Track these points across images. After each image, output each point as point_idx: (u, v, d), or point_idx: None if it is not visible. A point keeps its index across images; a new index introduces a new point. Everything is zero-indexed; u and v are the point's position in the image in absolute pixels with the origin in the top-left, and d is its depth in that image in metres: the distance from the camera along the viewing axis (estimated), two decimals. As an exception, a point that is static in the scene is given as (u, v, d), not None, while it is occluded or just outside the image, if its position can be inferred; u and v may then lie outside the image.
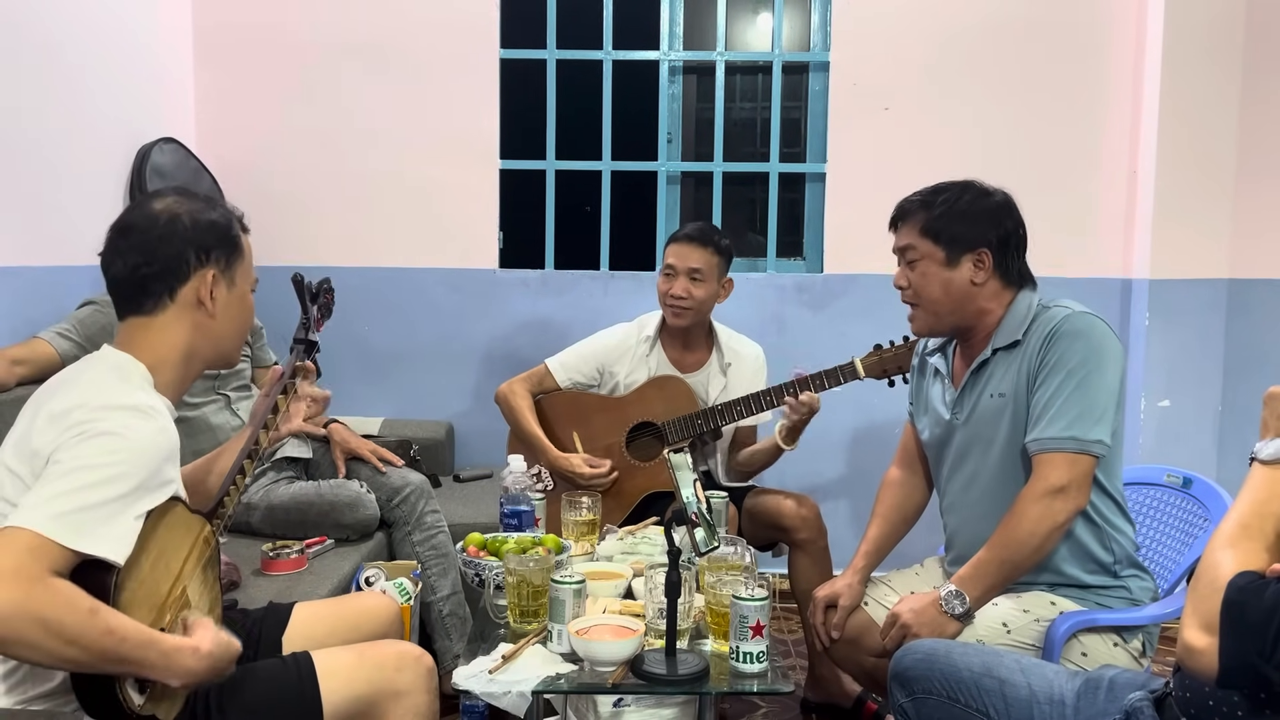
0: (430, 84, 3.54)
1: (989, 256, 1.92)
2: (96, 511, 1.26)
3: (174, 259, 1.49)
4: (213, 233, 1.53)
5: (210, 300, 1.52)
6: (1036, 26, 3.46)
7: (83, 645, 1.21)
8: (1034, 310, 1.94)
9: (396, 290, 3.60)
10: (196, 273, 1.51)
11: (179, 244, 1.49)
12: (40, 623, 1.18)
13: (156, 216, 1.51)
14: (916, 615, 1.86)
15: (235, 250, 1.57)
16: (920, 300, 1.98)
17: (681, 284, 2.70)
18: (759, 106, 3.88)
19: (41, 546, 1.21)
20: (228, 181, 3.44)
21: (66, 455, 1.30)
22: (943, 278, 1.94)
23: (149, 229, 1.50)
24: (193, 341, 1.53)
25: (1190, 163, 3.33)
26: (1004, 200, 1.97)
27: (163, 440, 1.38)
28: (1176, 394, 3.40)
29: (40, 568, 1.20)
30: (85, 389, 1.40)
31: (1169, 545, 2.15)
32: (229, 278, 1.55)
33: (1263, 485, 1.22)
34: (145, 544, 1.32)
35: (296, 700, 1.50)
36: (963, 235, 1.92)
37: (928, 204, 1.96)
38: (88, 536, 1.24)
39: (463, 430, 3.56)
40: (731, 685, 1.66)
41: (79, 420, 1.32)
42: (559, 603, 1.71)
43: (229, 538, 2.54)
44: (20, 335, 2.43)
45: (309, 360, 1.80)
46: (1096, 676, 1.54)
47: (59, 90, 2.76)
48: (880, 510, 2.20)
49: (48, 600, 1.19)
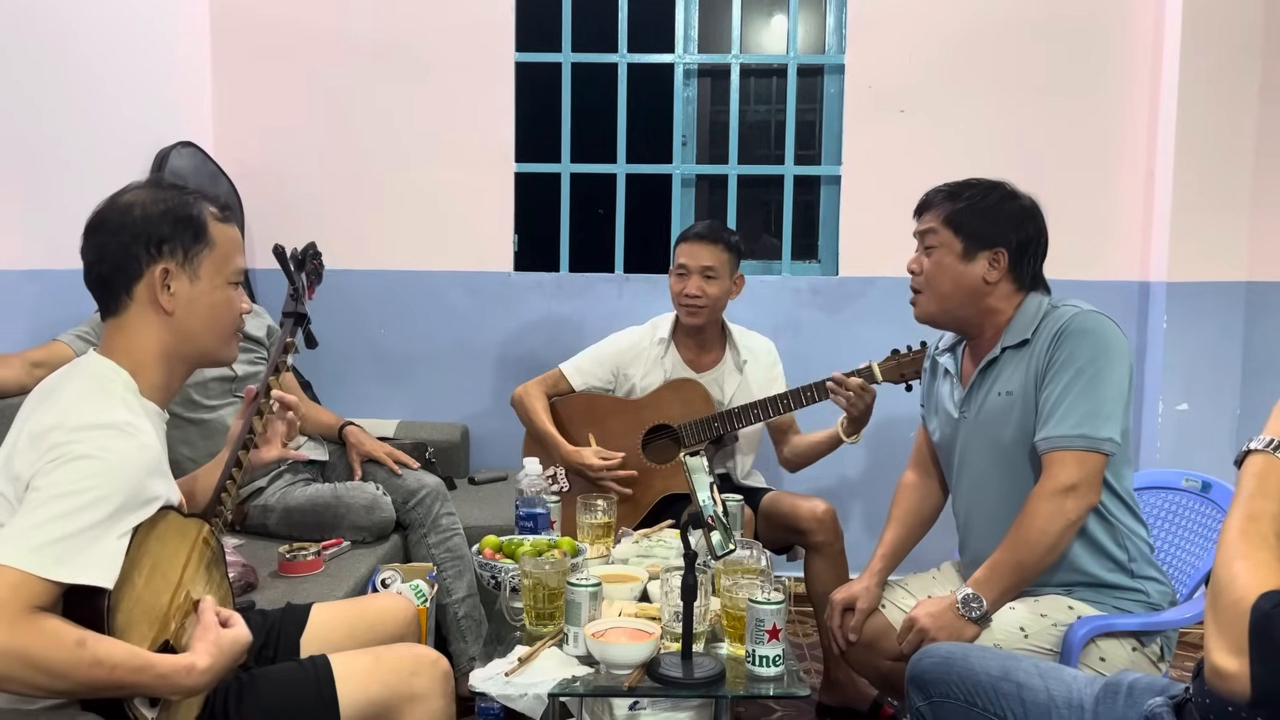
0: (446, 87, 3.55)
1: (1005, 257, 1.93)
2: (77, 539, 1.22)
3: (123, 254, 1.42)
4: (165, 222, 1.43)
5: (166, 295, 1.43)
6: (1053, 27, 3.45)
7: (72, 679, 1.20)
8: (1044, 310, 1.94)
9: (412, 293, 3.61)
10: (148, 268, 1.43)
11: (127, 238, 1.42)
12: (25, 662, 1.17)
13: (114, 209, 1.44)
14: (934, 619, 1.85)
15: (197, 240, 1.45)
16: (928, 288, 1.99)
17: (695, 283, 2.70)
18: (774, 109, 3.88)
19: (22, 582, 1.18)
20: (245, 185, 3.46)
21: (44, 482, 1.26)
22: (956, 270, 1.95)
23: (104, 225, 1.44)
24: (164, 341, 1.46)
25: (1208, 164, 3.31)
26: (1030, 205, 1.98)
27: (143, 457, 1.33)
28: (1195, 397, 3.38)
29: (21, 604, 1.17)
30: (64, 406, 1.35)
31: (1188, 550, 2.14)
32: (190, 271, 1.45)
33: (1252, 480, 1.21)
34: (136, 560, 1.30)
35: (314, 703, 1.50)
36: (983, 231, 1.93)
37: (955, 195, 1.97)
38: (69, 565, 1.21)
39: (478, 433, 3.57)
40: (747, 689, 1.65)
41: (55, 443, 1.28)
42: (575, 605, 1.72)
43: (245, 539, 2.55)
44: (41, 338, 2.45)
45: (303, 331, 1.73)
46: (1115, 681, 1.53)
47: (78, 94, 2.79)
48: (896, 514, 2.20)
49: (31, 638, 1.17)
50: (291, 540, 2.50)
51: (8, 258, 2.52)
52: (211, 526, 1.52)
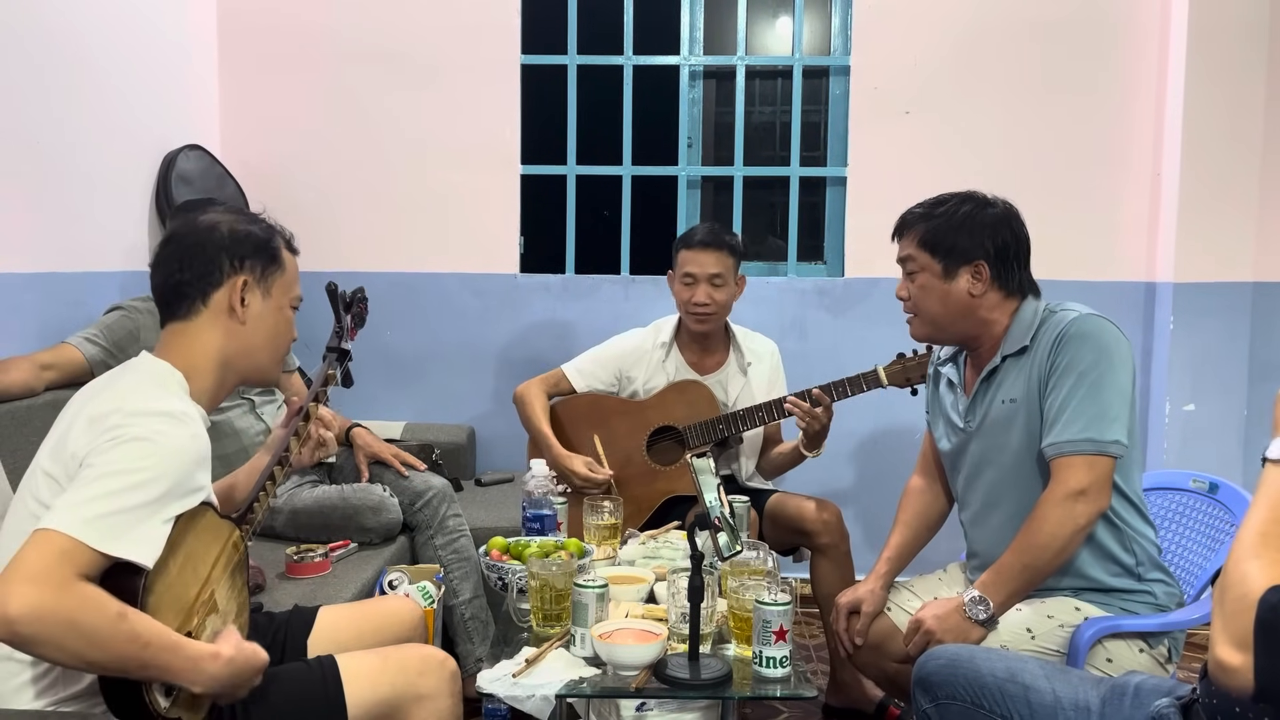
0: (451, 89, 3.56)
1: (985, 268, 1.92)
2: (127, 515, 1.28)
3: (207, 263, 1.53)
4: (249, 242, 1.57)
5: (241, 306, 1.55)
6: (1058, 28, 3.45)
7: (108, 649, 1.23)
8: (1040, 315, 1.94)
9: (418, 295, 3.62)
10: (229, 278, 1.54)
11: (213, 250, 1.54)
12: (69, 625, 1.20)
13: (197, 225, 1.56)
14: (940, 621, 1.85)
15: (273, 262, 1.60)
16: (919, 312, 2.00)
17: (704, 291, 2.70)
18: (779, 110, 3.88)
19: (73, 550, 1.23)
20: (252, 188, 3.47)
21: (100, 459, 1.32)
22: (940, 290, 1.95)
23: (186, 236, 1.55)
24: (225, 349, 1.55)
25: (1214, 164, 3.30)
26: (1004, 211, 1.97)
27: (194, 446, 1.40)
28: (1201, 398, 3.37)
29: (70, 571, 1.22)
30: (122, 394, 1.42)
31: (1195, 551, 2.14)
32: (264, 287, 1.58)
33: (1277, 488, 1.21)
34: (174, 548, 1.34)
35: (322, 703, 1.51)
36: (959, 247, 1.93)
37: (927, 215, 1.98)
38: (118, 540, 1.26)
39: (484, 434, 3.57)
40: (754, 690, 1.66)
41: (113, 425, 1.35)
42: (582, 607, 1.72)
43: (253, 540, 2.55)
44: (49, 340, 2.46)
45: (341, 368, 1.82)
46: (1122, 683, 1.53)
47: (86, 97, 2.80)
48: (902, 518, 2.19)
49: (77, 603, 1.21)
50: (299, 542, 2.51)
51: (17, 260, 2.53)
52: (242, 533, 1.56)
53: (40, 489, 1.39)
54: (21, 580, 1.20)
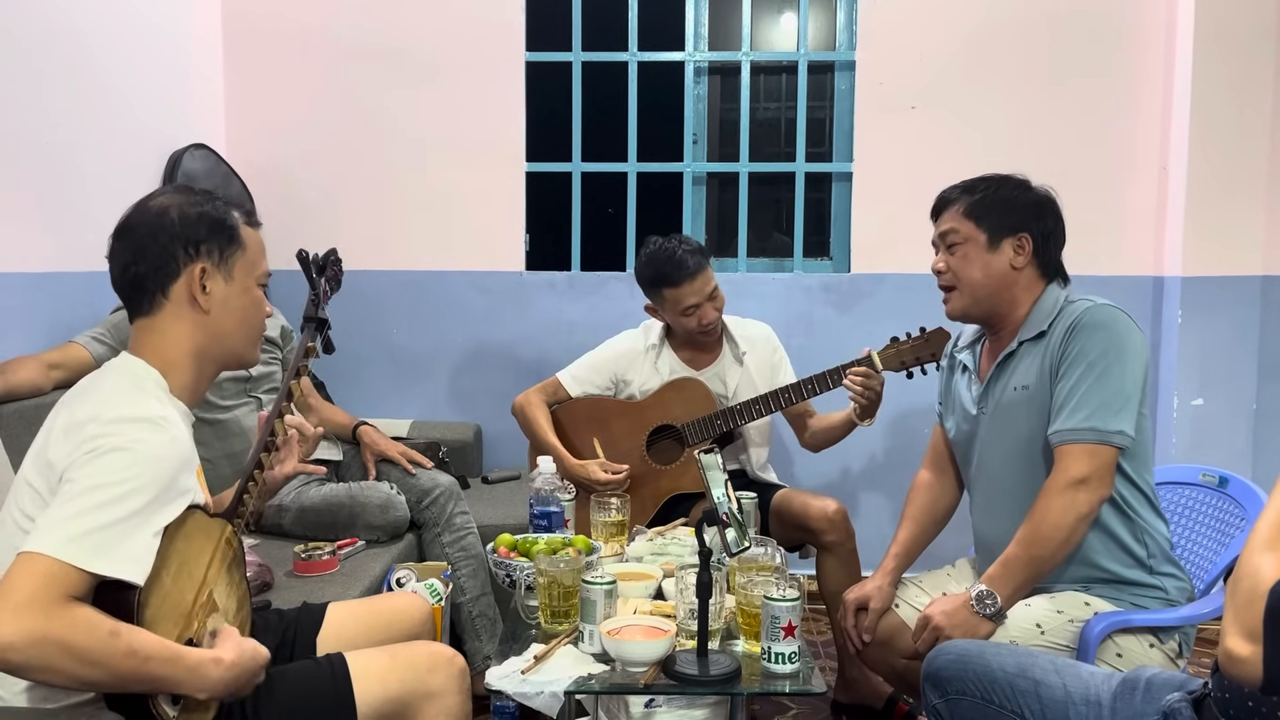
0: (456, 87, 3.56)
1: (1029, 242, 1.94)
2: (112, 531, 1.24)
3: (160, 254, 1.46)
4: (203, 224, 1.48)
5: (203, 294, 1.48)
6: (1064, 22, 3.43)
7: (105, 667, 1.21)
8: (1060, 303, 1.94)
9: (424, 293, 3.62)
10: (186, 268, 1.47)
11: (165, 239, 1.46)
12: (61, 649, 1.18)
13: (148, 213, 1.48)
14: (948, 617, 1.85)
15: (231, 242, 1.51)
16: (959, 283, 1.99)
17: (709, 311, 2.71)
18: (784, 106, 3.87)
19: (59, 571, 1.20)
20: (257, 186, 3.47)
21: (79, 473, 1.28)
22: (983, 259, 1.95)
23: (138, 226, 1.47)
24: (195, 340, 1.49)
25: (1222, 158, 3.29)
26: (1046, 195, 2.00)
27: (175, 451, 1.36)
28: (1210, 392, 3.36)
29: (58, 593, 1.19)
30: (100, 401, 1.38)
31: (1205, 545, 2.13)
32: (225, 271, 1.50)
33: None
34: (165, 558, 1.32)
35: (331, 701, 1.51)
36: (1005, 219, 1.95)
37: (970, 189, 1.99)
38: (105, 558, 1.23)
39: (491, 432, 3.57)
40: (763, 686, 1.65)
41: (91, 435, 1.31)
42: (590, 603, 1.72)
43: (260, 539, 2.57)
44: (57, 340, 2.47)
45: (322, 337, 1.76)
46: (1133, 677, 1.52)
47: (91, 97, 2.80)
48: (910, 512, 2.19)
49: (66, 626, 1.19)
50: (307, 540, 2.51)
51: (23, 260, 2.53)
52: (234, 528, 1.54)
53: (25, 501, 1.36)
54: (7, 608, 1.17)
